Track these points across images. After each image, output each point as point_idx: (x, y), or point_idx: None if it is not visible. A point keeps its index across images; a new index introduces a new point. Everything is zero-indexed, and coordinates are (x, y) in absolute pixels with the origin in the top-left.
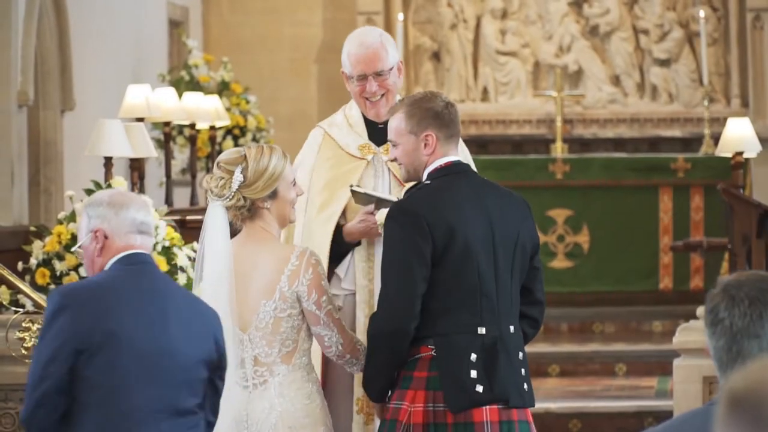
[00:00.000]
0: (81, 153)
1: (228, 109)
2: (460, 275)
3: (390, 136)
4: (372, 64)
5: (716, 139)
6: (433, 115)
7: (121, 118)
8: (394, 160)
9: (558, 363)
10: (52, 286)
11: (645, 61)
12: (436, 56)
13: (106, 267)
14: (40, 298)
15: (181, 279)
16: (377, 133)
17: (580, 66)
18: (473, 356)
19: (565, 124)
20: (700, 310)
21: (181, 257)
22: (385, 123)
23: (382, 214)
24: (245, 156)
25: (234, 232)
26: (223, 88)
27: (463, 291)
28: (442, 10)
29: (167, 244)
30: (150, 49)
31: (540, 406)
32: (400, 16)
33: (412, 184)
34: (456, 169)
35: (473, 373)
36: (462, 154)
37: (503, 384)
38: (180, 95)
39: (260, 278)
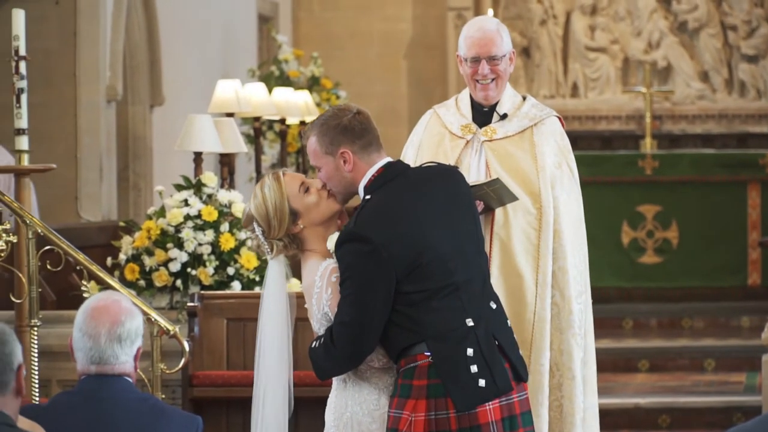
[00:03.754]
0: (170, 148)
1: (318, 105)
2: (433, 278)
3: (311, 161)
4: (486, 48)
5: None
6: (342, 130)
7: (210, 113)
8: (324, 186)
9: (647, 358)
10: (142, 282)
11: (733, 57)
12: (526, 52)
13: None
14: (130, 294)
15: None
16: (482, 115)
17: (669, 62)
18: (469, 351)
19: (654, 120)
20: None
21: None
22: (491, 107)
23: (331, 240)
24: (250, 210)
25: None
26: (313, 84)
27: (440, 291)
28: (532, 6)
29: None
30: (239, 44)
31: (629, 401)
32: (490, 12)
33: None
34: (390, 173)
35: (473, 368)
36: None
37: (505, 372)
38: (270, 90)
39: (307, 300)
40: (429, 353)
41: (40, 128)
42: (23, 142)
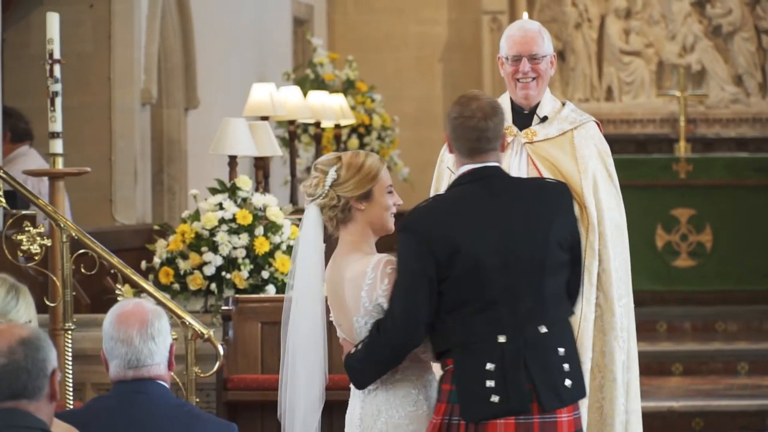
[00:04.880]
0: (205, 151)
1: (353, 108)
2: (470, 286)
3: None
4: (528, 46)
5: None
6: (454, 127)
7: (245, 117)
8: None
9: (681, 362)
10: (176, 286)
11: (767, 60)
12: (561, 55)
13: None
14: (164, 297)
15: None
16: (521, 118)
17: (703, 66)
18: (489, 366)
19: (688, 124)
20: None
21: None
22: (531, 110)
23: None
24: (341, 157)
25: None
26: (348, 87)
27: (476, 301)
28: (566, 10)
29: (292, 243)
30: (274, 47)
31: (663, 404)
32: (525, 15)
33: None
34: (474, 176)
35: (489, 383)
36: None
37: (524, 394)
38: (305, 93)
39: (348, 293)
40: (453, 359)
41: (75, 131)
42: (58, 146)
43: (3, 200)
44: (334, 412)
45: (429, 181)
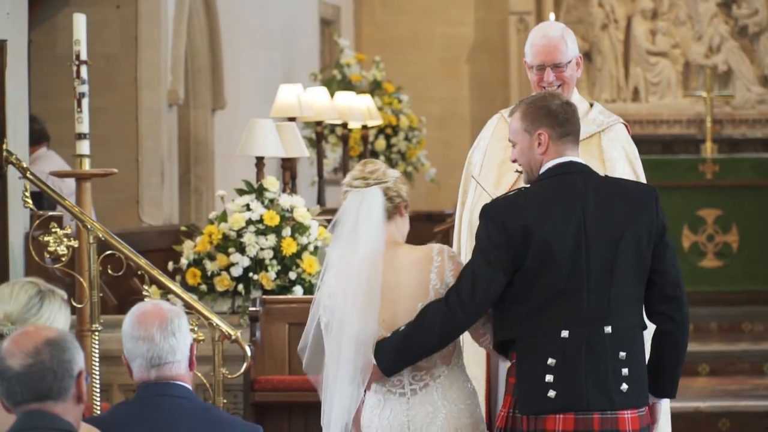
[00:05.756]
0: (232, 152)
1: (380, 109)
2: (540, 278)
3: (509, 136)
4: (551, 55)
5: None
6: (546, 113)
7: (272, 118)
8: (515, 161)
9: (707, 362)
10: (203, 287)
11: None
12: (588, 56)
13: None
14: (191, 299)
15: None
16: None
17: (729, 66)
18: (550, 360)
19: (715, 125)
20: None
21: None
22: None
23: None
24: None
25: None
26: (375, 87)
27: (544, 293)
28: (593, 10)
29: (320, 244)
30: (301, 48)
31: (689, 404)
32: (552, 16)
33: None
34: (565, 169)
35: (548, 378)
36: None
37: (581, 391)
38: (332, 94)
39: (409, 281)
40: (516, 353)
41: (102, 133)
42: (84, 147)
43: (30, 201)
44: None
45: (455, 182)
